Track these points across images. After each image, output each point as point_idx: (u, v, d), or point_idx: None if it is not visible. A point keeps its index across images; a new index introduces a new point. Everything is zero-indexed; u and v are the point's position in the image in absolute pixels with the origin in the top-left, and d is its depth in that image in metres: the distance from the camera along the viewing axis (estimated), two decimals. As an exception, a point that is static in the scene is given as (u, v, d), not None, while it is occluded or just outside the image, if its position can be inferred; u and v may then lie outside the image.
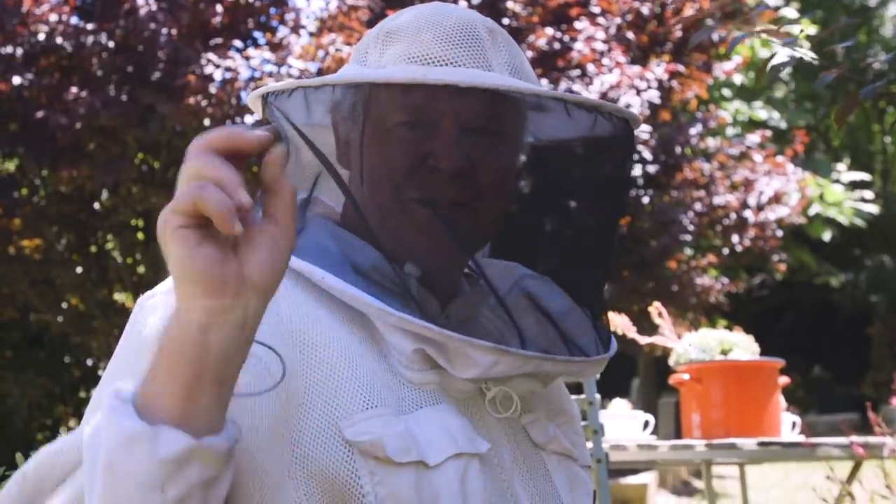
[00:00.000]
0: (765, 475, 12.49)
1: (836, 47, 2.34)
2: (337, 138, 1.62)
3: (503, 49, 1.60)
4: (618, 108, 1.59)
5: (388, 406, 1.45)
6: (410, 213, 1.54)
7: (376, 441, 1.41)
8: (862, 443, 4.28)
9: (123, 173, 9.13)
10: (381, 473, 1.41)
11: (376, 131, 1.56)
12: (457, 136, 1.54)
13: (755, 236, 12.54)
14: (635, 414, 4.90)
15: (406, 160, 1.55)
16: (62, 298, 10.77)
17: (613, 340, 1.65)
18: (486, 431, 1.54)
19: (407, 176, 1.54)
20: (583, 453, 1.70)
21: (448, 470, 1.44)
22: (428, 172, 1.54)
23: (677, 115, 11.91)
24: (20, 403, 12.25)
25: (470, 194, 1.55)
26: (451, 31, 1.57)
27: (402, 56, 1.57)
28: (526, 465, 1.58)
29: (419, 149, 1.54)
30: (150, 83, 8.90)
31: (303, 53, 8.93)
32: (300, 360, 1.44)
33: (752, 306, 21.71)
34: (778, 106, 19.10)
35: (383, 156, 1.56)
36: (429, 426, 1.46)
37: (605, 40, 9.89)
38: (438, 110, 1.54)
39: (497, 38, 1.61)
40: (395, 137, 1.55)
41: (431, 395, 1.51)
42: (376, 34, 1.63)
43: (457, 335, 1.46)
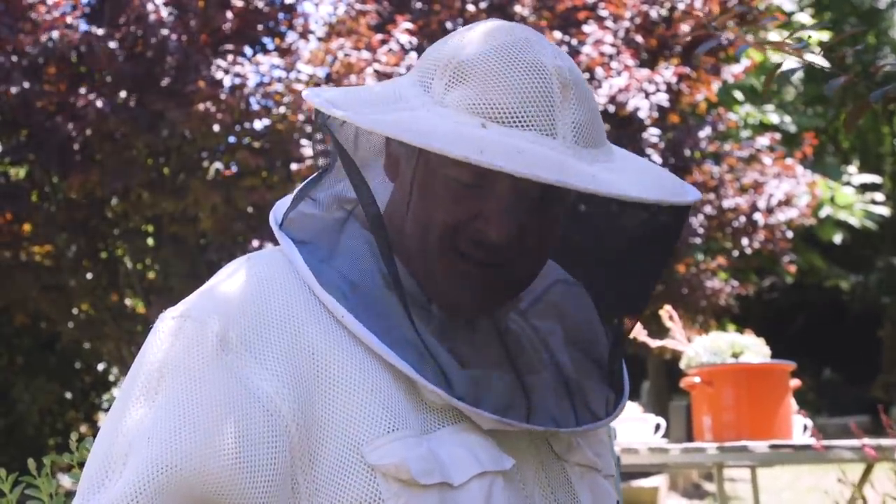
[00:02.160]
0: (775, 478, 12.46)
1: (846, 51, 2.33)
2: (388, 150, 1.58)
3: (573, 105, 1.48)
4: (681, 201, 1.51)
5: (410, 427, 1.44)
6: (448, 260, 1.50)
7: (401, 464, 1.40)
8: (874, 445, 4.27)
9: (133, 179, 9.16)
10: (405, 496, 1.39)
11: (430, 174, 1.50)
12: (510, 205, 1.48)
13: (765, 239, 12.51)
14: (646, 417, 4.90)
15: (455, 216, 1.49)
16: (73, 304, 10.79)
17: (626, 388, 1.64)
18: (508, 445, 1.51)
19: (453, 230, 1.49)
20: (607, 463, 1.68)
21: (472, 489, 1.43)
22: (475, 233, 1.49)
23: (686, 118, 11.89)
24: (31, 409, 12.28)
25: (509, 259, 1.51)
26: (522, 82, 1.46)
27: (466, 104, 1.47)
28: (548, 478, 1.56)
29: (471, 207, 1.49)
30: (159, 89, 8.93)
31: (312, 58, 8.95)
32: (318, 382, 1.44)
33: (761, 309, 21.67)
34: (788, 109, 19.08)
35: (433, 201, 1.50)
36: (452, 445, 1.45)
37: (613, 44, 9.88)
38: (494, 177, 1.47)
39: (569, 92, 1.49)
40: (447, 189, 1.49)
41: (453, 414, 1.48)
42: (446, 62, 1.51)
43: (465, 406, 1.44)
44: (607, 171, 1.47)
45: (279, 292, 1.49)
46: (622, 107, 9.51)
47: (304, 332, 1.46)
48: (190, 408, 1.40)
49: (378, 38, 8.98)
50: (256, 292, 1.49)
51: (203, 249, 9.89)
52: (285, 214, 1.60)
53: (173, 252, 9.99)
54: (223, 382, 1.42)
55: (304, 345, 1.45)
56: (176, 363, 1.44)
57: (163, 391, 1.43)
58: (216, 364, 1.43)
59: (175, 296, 7.01)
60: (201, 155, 9.76)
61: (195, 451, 1.38)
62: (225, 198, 9.20)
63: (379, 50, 8.89)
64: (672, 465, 4.92)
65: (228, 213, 9.33)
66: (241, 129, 9.29)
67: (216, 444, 1.38)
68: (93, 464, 1.44)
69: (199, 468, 1.37)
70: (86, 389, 13.24)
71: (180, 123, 8.81)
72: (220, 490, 1.38)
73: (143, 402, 1.44)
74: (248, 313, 1.46)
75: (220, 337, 1.44)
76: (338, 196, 1.59)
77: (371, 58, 8.78)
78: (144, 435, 1.40)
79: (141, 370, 1.48)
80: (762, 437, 4.46)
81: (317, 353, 1.45)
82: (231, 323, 1.45)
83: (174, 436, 1.39)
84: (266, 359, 1.43)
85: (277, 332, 1.45)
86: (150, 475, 1.37)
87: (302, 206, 1.59)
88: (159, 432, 1.39)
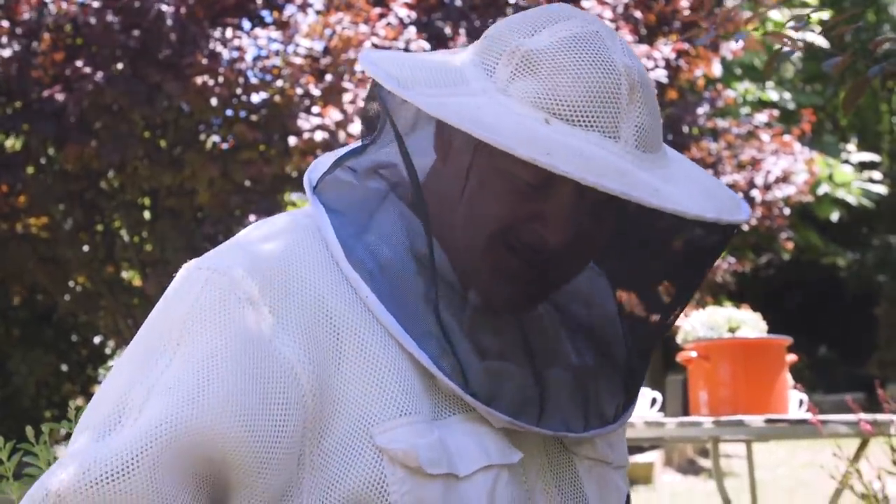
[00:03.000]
0: (771, 453, 12.50)
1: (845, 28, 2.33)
2: (439, 129, 1.52)
3: (638, 108, 1.45)
4: (733, 221, 1.48)
5: (422, 413, 1.42)
6: (498, 254, 1.47)
7: (409, 451, 1.39)
8: (870, 420, 4.29)
9: (130, 151, 9.14)
10: (410, 483, 1.39)
11: (489, 166, 1.46)
12: (572, 211, 1.45)
13: (762, 215, 12.51)
14: (643, 391, 4.90)
15: (513, 214, 1.46)
16: (69, 277, 10.79)
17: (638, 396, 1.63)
18: (518, 436, 1.50)
19: (509, 226, 1.46)
20: (620, 453, 1.66)
21: (477, 482, 1.42)
22: (531, 233, 1.46)
23: (685, 95, 11.88)
24: (28, 381, 12.29)
25: (561, 259, 1.49)
26: (591, 80, 1.42)
27: (531, 96, 1.43)
28: (553, 471, 1.55)
29: (530, 207, 1.45)
30: (156, 62, 8.90)
31: (310, 32, 8.92)
32: (337, 356, 1.42)
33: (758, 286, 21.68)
34: (786, 86, 19.05)
35: (490, 196, 1.46)
36: (461, 434, 1.44)
37: (612, 19, 9.86)
38: (559, 180, 1.42)
39: (635, 94, 1.45)
40: (508, 185, 1.45)
41: (466, 402, 1.46)
42: (513, 48, 1.47)
43: (478, 404, 1.43)
44: (666, 182, 1.44)
45: (307, 261, 1.47)
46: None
47: (328, 304, 1.44)
48: (213, 363, 1.39)
49: (376, 11, 8.95)
50: (285, 258, 1.46)
51: (200, 223, 9.87)
52: (321, 178, 1.56)
53: (170, 225, 9.98)
54: (248, 341, 1.40)
55: (326, 317, 1.43)
56: (202, 316, 1.42)
57: (186, 343, 1.41)
58: (242, 323, 1.41)
59: (171, 269, 7.00)
60: (198, 128, 9.74)
61: (213, 407, 1.36)
62: (222, 171, 9.19)
63: (377, 24, 8.86)
64: (668, 438, 4.93)
65: (225, 187, 9.32)
66: (239, 103, 9.27)
67: (234, 404, 1.37)
68: (106, 403, 1.42)
69: (214, 425, 1.36)
70: (82, 362, 13.25)
71: (177, 96, 8.79)
72: (229, 450, 1.37)
73: (166, 352, 1.42)
74: (275, 278, 1.44)
75: (249, 296, 1.42)
76: (378, 166, 1.55)
77: (369, 31, 8.76)
78: (165, 385, 1.39)
79: (164, 317, 1.46)
80: (758, 411, 4.47)
81: (338, 327, 1.43)
82: (259, 285, 1.43)
83: (194, 390, 1.37)
84: (289, 326, 1.41)
85: (301, 301, 1.43)
86: (167, 424, 1.35)
87: (339, 173, 1.55)
88: (180, 384, 1.38)
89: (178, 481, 1.36)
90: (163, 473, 1.35)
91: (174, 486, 1.36)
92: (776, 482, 10.94)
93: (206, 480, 1.39)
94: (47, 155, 9.92)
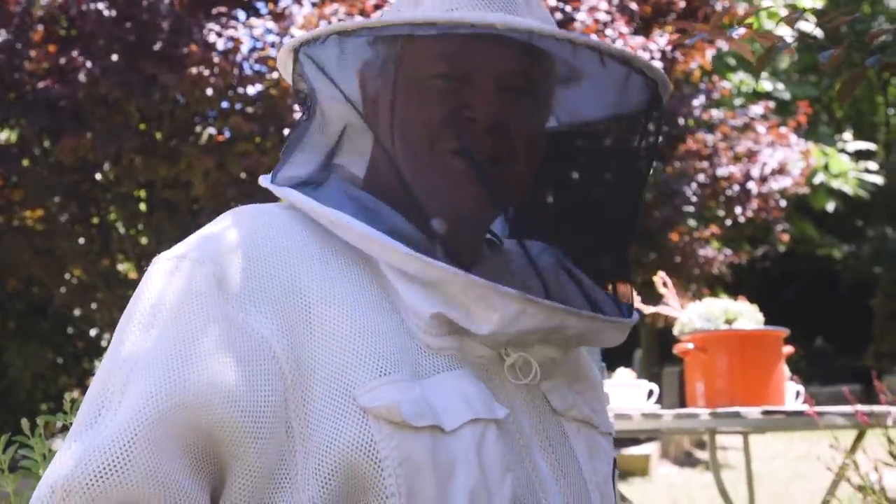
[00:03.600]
0: (767, 445, 12.52)
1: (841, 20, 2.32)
2: (364, 96, 1.61)
3: (535, 9, 1.61)
4: (650, 65, 1.58)
5: (403, 371, 1.45)
6: (444, 164, 1.54)
7: (392, 406, 1.40)
8: (866, 411, 4.28)
9: (125, 143, 9.12)
10: (397, 438, 1.40)
11: (411, 82, 1.56)
12: (494, 88, 1.55)
13: (758, 207, 12.52)
14: (639, 383, 4.90)
15: (441, 112, 1.54)
16: (65, 269, 10.78)
17: (636, 311, 1.64)
18: (504, 398, 1.53)
19: (442, 127, 1.54)
20: (604, 420, 1.69)
21: (465, 435, 1.43)
22: (463, 124, 1.54)
23: (680, 86, 11.87)
24: (23, 374, 12.29)
25: (503, 150, 1.55)
26: None
27: (434, 7, 1.57)
28: (545, 431, 1.57)
29: (455, 100, 1.55)
30: (151, 53, 8.88)
31: (305, 23, 8.90)
32: (310, 327, 1.45)
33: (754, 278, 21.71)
34: (782, 78, 19.04)
35: (417, 107, 1.55)
36: (445, 392, 1.45)
37: (607, 10, 9.85)
38: (475, 61, 1.55)
39: (531, 0, 1.61)
40: (430, 88, 1.55)
41: (449, 361, 1.50)
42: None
43: (482, 280, 1.45)
44: None
45: (273, 239, 1.51)
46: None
47: (297, 278, 1.47)
48: (188, 341, 1.42)
49: (372, 2, 8.94)
50: (251, 239, 1.51)
51: (196, 215, 9.87)
52: (273, 174, 1.63)
53: (166, 217, 9.98)
54: (221, 320, 1.43)
55: (297, 291, 1.46)
56: (173, 299, 1.46)
57: (159, 325, 1.44)
58: (213, 302, 1.44)
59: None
60: (194, 119, 9.72)
61: (194, 382, 1.39)
62: (218, 163, 9.18)
63: (373, 15, 8.84)
64: (665, 430, 4.93)
65: (221, 179, 9.31)
66: (235, 94, 9.25)
67: (215, 378, 1.39)
68: (90, 397, 1.45)
69: (198, 400, 1.38)
70: (78, 355, 13.25)
71: (173, 87, 8.77)
72: (214, 424, 1.39)
73: (140, 337, 1.45)
74: (242, 258, 1.48)
75: (218, 278, 1.46)
76: (322, 159, 1.63)
77: (365, 22, 8.74)
78: (143, 365, 1.41)
79: (136, 307, 1.49)
80: (755, 403, 4.46)
81: (309, 299, 1.46)
82: (227, 266, 1.47)
83: (173, 366, 1.40)
84: (260, 301, 1.45)
85: (270, 277, 1.47)
86: (152, 403, 1.38)
87: (286, 169, 1.62)
88: (158, 363, 1.40)
89: (174, 460, 1.38)
90: (158, 454, 1.36)
91: (171, 465, 1.37)
92: (773, 474, 10.97)
93: (200, 457, 1.40)
94: (42, 147, 9.90)
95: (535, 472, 1.52)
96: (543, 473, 1.53)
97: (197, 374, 1.39)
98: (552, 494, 1.53)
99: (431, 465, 1.40)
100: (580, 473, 1.59)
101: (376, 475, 1.39)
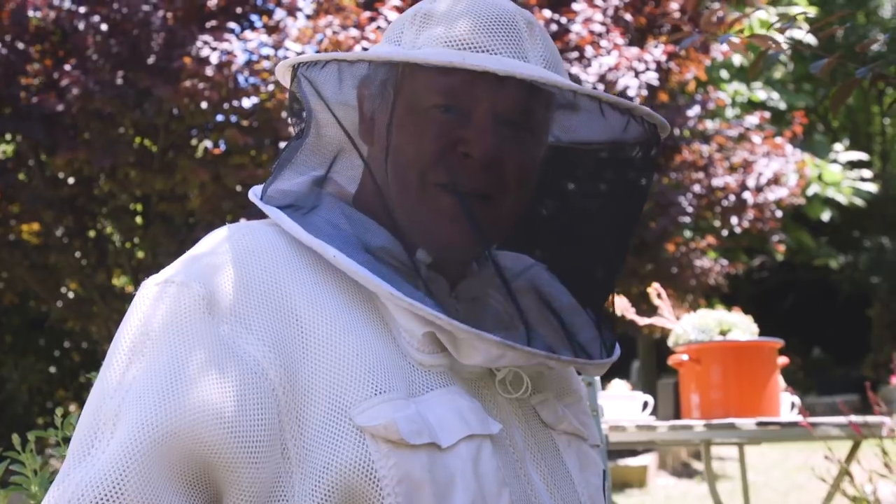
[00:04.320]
0: (764, 456, 12.51)
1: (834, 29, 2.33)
2: (361, 113, 1.61)
3: (539, 42, 1.59)
4: (650, 112, 1.57)
5: (397, 390, 1.45)
6: (433, 197, 1.53)
7: (390, 424, 1.40)
8: (860, 422, 4.28)
9: (121, 157, 9.12)
10: (395, 457, 1.40)
11: (408, 112, 1.55)
12: (491, 125, 1.53)
13: (754, 218, 12.51)
14: (634, 395, 4.90)
15: (437, 144, 1.53)
16: (61, 283, 10.76)
17: (618, 346, 1.65)
18: (496, 412, 1.54)
19: (435, 160, 1.53)
20: (592, 433, 1.70)
21: (461, 452, 1.44)
22: (457, 159, 1.53)
23: (675, 97, 11.88)
24: (20, 388, 12.27)
25: (495, 187, 1.55)
26: (490, 20, 1.56)
27: (438, 39, 1.56)
28: (537, 445, 1.58)
29: (451, 134, 1.53)
30: (145, 66, 8.88)
31: (300, 36, 8.90)
32: (303, 347, 1.44)
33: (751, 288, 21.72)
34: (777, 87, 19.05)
35: (413, 137, 1.54)
36: (440, 408, 1.46)
37: (602, 22, 9.85)
38: (474, 97, 1.53)
39: (535, 31, 1.59)
40: (427, 120, 1.54)
41: (441, 377, 1.50)
42: (412, 16, 1.61)
43: (464, 327, 1.46)
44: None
45: (262, 259, 1.50)
46: (612, 85, 9.48)
47: (288, 297, 1.47)
48: (178, 367, 1.41)
49: (366, 15, 8.94)
50: (240, 259, 1.50)
51: (192, 228, 9.86)
52: (264, 190, 1.62)
53: (162, 231, 9.96)
54: (211, 344, 1.42)
55: (288, 310, 1.46)
56: (162, 325, 1.45)
57: (149, 352, 1.44)
58: (202, 326, 1.43)
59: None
60: (190, 133, 9.72)
61: (186, 409, 1.38)
62: (213, 176, 9.17)
63: (367, 27, 8.85)
64: (660, 442, 4.92)
65: (217, 192, 9.30)
66: (230, 107, 9.25)
67: (206, 404, 1.38)
68: (81, 429, 1.44)
69: (191, 427, 1.37)
70: (74, 368, 13.22)
71: (167, 100, 8.77)
72: (207, 449, 1.38)
73: (130, 365, 1.44)
74: (231, 279, 1.47)
75: (206, 300, 1.45)
76: (311, 177, 1.63)
77: (359, 35, 8.74)
78: (134, 395, 1.40)
79: (125, 335, 1.48)
80: (749, 414, 4.46)
81: (301, 319, 1.46)
82: (215, 288, 1.46)
83: (164, 394, 1.39)
84: (251, 324, 1.44)
85: (261, 297, 1.46)
86: (144, 432, 1.37)
87: (278, 183, 1.61)
88: (149, 391, 1.39)
89: (168, 488, 1.37)
90: (151, 484, 1.35)
91: (164, 494, 1.37)
92: (770, 484, 10.95)
93: (194, 483, 1.39)
94: (38, 161, 9.90)
95: (529, 486, 1.53)
96: (538, 487, 1.54)
97: (187, 400, 1.38)
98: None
99: (430, 483, 1.41)
100: (572, 486, 1.60)
101: (375, 494, 1.39)
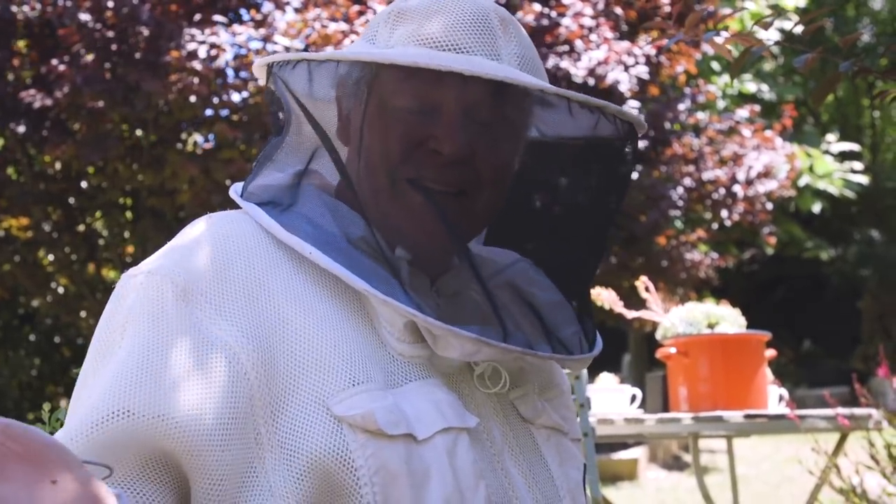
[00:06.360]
0: (755, 449, 12.53)
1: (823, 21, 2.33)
2: (339, 113, 1.62)
3: (514, 40, 1.58)
4: (622, 110, 1.57)
5: (375, 381, 1.45)
6: (404, 196, 1.54)
7: (367, 415, 1.41)
8: (847, 414, 4.29)
9: (110, 151, 9.09)
10: (372, 447, 1.40)
11: (378, 111, 1.55)
12: (460, 122, 1.53)
13: (744, 211, 12.53)
14: (623, 388, 4.91)
15: (406, 142, 1.54)
16: (51, 278, 10.74)
17: (599, 339, 1.65)
18: (474, 406, 1.54)
19: (405, 158, 1.54)
20: (573, 427, 1.71)
21: (437, 444, 1.44)
22: (427, 156, 1.54)
23: (666, 91, 11.88)
24: (10, 383, 12.25)
25: (466, 183, 1.55)
26: (463, 17, 1.56)
27: (410, 37, 1.56)
28: (516, 439, 1.58)
29: (420, 132, 1.54)
30: (133, 60, 8.85)
31: (288, 30, 8.88)
32: (281, 336, 1.45)
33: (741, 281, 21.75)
34: (767, 79, 19.06)
35: (383, 136, 1.55)
36: (417, 400, 1.46)
37: (592, 16, 9.84)
38: (443, 96, 1.53)
39: (509, 28, 1.59)
40: (396, 119, 1.54)
41: (420, 370, 1.51)
42: (387, 14, 1.61)
43: (438, 323, 1.46)
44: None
45: (241, 248, 1.51)
46: (602, 79, 9.48)
47: (267, 286, 1.48)
48: (148, 356, 1.41)
49: (355, 9, 8.92)
50: (218, 249, 1.51)
51: (181, 222, 9.83)
52: (245, 186, 1.63)
53: (151, 225, 9.95)
54: (182, 331, 1.43)
55: (266, 299, 1.47)
56: (137, 314, 1.46)
57: (125, 342, 1.44)
58: (176, 314, 1.44)
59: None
60: (179, 127, 9.70)
61: (153, 398, 1.38)
62: (203, 170, 9.16)
63: (356, 21, 8.83)
64: (648, 435, 4.94)
65: (206, 186, 9.29)
66: (219, 102, 9.23)
67: (175, 391, 1.39)
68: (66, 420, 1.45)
69: (157, 416, 1.37)
70: (65, 363, 13.21)
71: (155, 94, 8.74)
72: (178, 437, 1.38)
73: (106, 356, 1.45)
74: (210, 268, 1.48)
75: (182, 289, 1.46)
76: (292, 172, 1.63)
77: (348, 29, 8.73)
78: (104, 384, 1.41)
79: (104, 326, 1.50)
80: (737, 407, 4.47)
81: (279, 308, 1.46)
82: (193, 277, 1.47)
83: (132, 384, 1.39)
84: (227, 311, 1.45)
85: (239, 286, 1.47)
86: (106, 419, 1.37)
87: (259, 180, 1.62)
88: (118, 380, 1.40)
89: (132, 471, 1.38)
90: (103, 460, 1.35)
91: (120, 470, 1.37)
92: (761, 477, 10.98)
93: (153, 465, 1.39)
94: (27, 155, 9.87)
95: (507, 480, 1.53)
96: (516, 480, 1.54)
97: (156, 390, 1.39)
98: (525, 501, 1.54)
99: (406, 474, 1.41)
100: (551, 480, 1.60)
101: (352, 484, 1.39)
